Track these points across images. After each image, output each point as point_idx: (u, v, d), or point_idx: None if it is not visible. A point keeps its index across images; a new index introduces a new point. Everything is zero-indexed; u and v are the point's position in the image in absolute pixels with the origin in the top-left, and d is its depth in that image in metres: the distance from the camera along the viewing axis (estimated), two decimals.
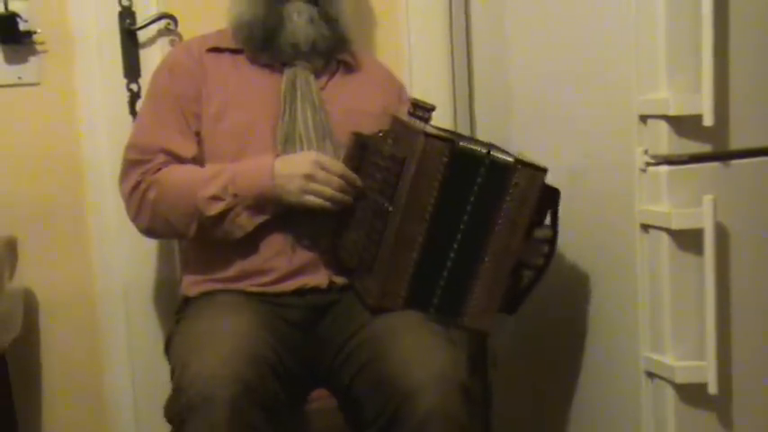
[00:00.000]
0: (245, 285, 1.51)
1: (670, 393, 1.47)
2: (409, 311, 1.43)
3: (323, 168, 1.44)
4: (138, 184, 1.51)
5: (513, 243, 1.44)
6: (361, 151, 1.46)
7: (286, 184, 1.45)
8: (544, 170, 1.43)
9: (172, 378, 1.34)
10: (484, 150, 1.42)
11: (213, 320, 1.39)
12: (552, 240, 1.50)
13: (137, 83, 1.82)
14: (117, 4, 1.81)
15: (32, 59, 1.77)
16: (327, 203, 1.45)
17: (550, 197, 1.47)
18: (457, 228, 1.43)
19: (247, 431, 1.25)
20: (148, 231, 1.55)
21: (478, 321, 1.47)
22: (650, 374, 1.50)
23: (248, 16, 1.55)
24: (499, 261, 1.44)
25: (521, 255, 1.46)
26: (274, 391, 1.31)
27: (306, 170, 1.43)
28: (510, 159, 1.42)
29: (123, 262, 1.85)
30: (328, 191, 1.44)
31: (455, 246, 1.43)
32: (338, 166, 1.44)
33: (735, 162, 1.46)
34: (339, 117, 1.56)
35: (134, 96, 1.82)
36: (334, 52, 1.62)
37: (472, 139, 1.46)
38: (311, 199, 1.45)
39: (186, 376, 1.26)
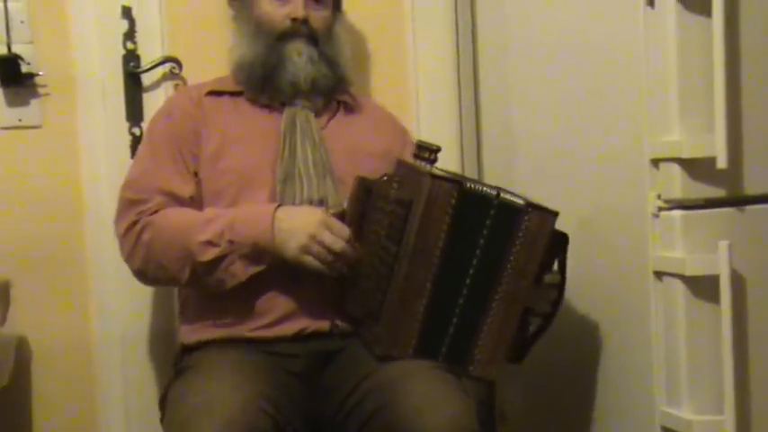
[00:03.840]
0: (243, 330, 1.47)
1: None
2: (417, 360, 1.39)
3: (329, 231, 1.40)
4: (133, 224, 1.49)
5: (521, 288, 1.40)
6: (365, 196, 1.43)
7: (287, 240, 1.41)
8: (555, 213, 1.40)
9: None
10: (493, 192, 1.39)
11: (212, 384, 1.32)
12: (560, 286, 1.46)
13: (139, 127, 1.81)
14: (122, 47, 1.80)
15: (34, 102, 1.77)
16: (324, 268, 1.41)
17: (559, 242, 1.44)
18: (466, 273, 1.39)
19: None
20: (140, 274, 1.51)
21: (486, 370, 1.43)
22: (666, 430, 1.45)
23: (250, 57, 1.57)
24: (508, 307, 1.41)
25: (529, 301, 1.42)
26: None
27: (311, 229, 1.39)
28: (520, 201, 1.40)
29: (122, 310, 1.82)
30: (330, 257, 1.40)
31: (464, 291, 1.40)
32: (345, 231, 1.40)
33: (750, 207, 1.43)
34: (340, 155, 1.55)
35: (136, 140, 1.80)
36: (334, 92, 1.62)
37: (479, 182, 1.44)
38: (310, 260, 1.41)
39: None
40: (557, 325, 1.48)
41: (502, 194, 1.39)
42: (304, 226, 1.40)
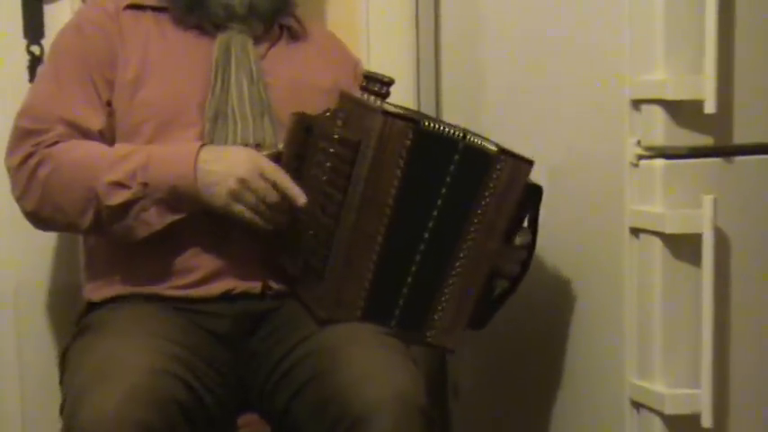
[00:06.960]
0: (161, 288, 1.34)
1: (658, 426, 1.35)
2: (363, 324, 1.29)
3: (262, 176, 1.27)
4: (28, 157, 1.34)
5: (489, 246, 1.32)
6: (304, 135, 1.30)
7: (212, 185, 1.27)
8: (530, 162, 1.31)
9: (61, 413, 1.18)
10: (459, 134, 1.29)
11: (115, 345, 1.21)
12: (530, 245, 1.38)
13: (39, 45, 1.66)
14: None
15: None
16: (257, 219, 1.28)
17: (532, 195, 1.36)
18: (424, 226, 1.29)
19: None
20: (35, 216, 1.37)
21: (445, 338, 1.35)
22: (636, 404, 1.38)
23: None
24: (473, 267, 1.32)
25: (496, 261, 1.34)
26: None
27: (241, 173, 1.26)
28: (492, 147, 1.30)
29: (15, 260, 1.69)
30: (262, 206, 1.27)
31: (422, 248, 1.30)
32: (280, 176, 1.27)
33: (739, 159, 1.35)
34: (281, 91, 1.42)
35: (35, 60, 1.66)
36: (277, 16, 1.48)
37: (441, 121, 1.34)
38: (240, 209, 1.28)
39: (77, 419, 1.11)
40: (519, 286, 1.40)
41: (469, 137, 1.29)
42: (232, 168, 1.27)
